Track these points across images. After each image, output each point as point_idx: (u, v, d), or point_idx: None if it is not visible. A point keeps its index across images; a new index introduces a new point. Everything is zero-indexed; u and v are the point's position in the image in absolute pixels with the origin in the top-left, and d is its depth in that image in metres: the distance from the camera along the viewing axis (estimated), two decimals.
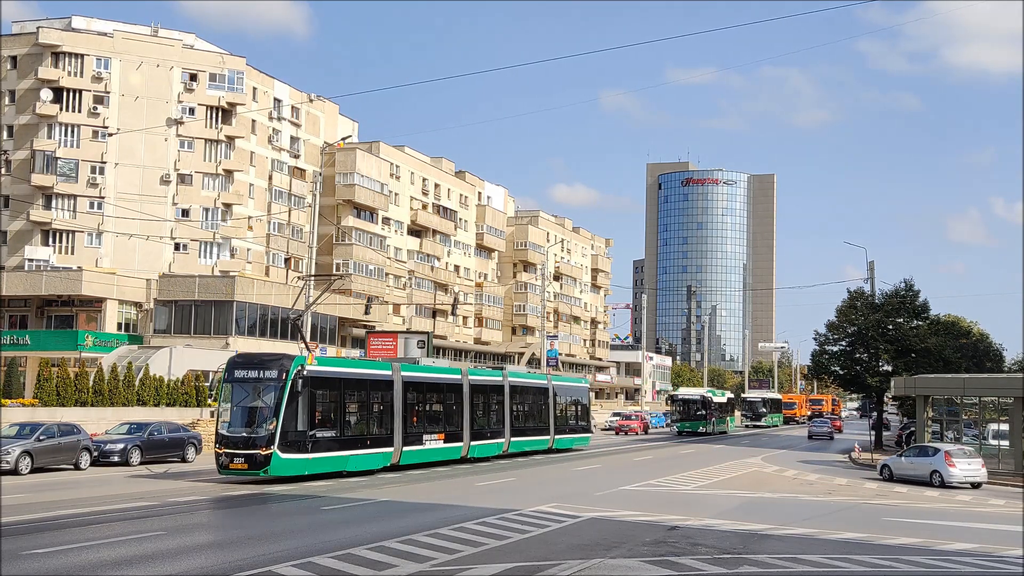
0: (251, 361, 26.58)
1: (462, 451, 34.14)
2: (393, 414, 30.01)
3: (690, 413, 66.40)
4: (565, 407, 43.90)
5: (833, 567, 14.93)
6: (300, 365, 25.70)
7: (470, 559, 14.53)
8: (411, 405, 31.40)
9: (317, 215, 46.72)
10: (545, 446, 41.08)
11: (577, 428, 45.06)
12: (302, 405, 25.74)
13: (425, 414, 32.44)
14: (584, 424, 46.10)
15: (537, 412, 41.04)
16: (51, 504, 20.24)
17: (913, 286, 54.77)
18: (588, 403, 47.30)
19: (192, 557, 14.38)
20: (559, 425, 42.36)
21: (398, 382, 30.40)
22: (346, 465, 27.68)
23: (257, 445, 24.92)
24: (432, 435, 32.29)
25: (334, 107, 79.32)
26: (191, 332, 57.61)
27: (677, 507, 22.50)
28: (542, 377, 43.49)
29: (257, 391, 25.85)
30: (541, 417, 41.21)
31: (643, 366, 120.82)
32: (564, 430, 43.06)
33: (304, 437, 25.84)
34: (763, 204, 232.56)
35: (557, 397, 42.45)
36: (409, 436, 30.81)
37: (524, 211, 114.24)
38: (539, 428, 40.91)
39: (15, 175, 63.82)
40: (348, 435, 28.05)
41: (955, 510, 24.87)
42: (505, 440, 37.44)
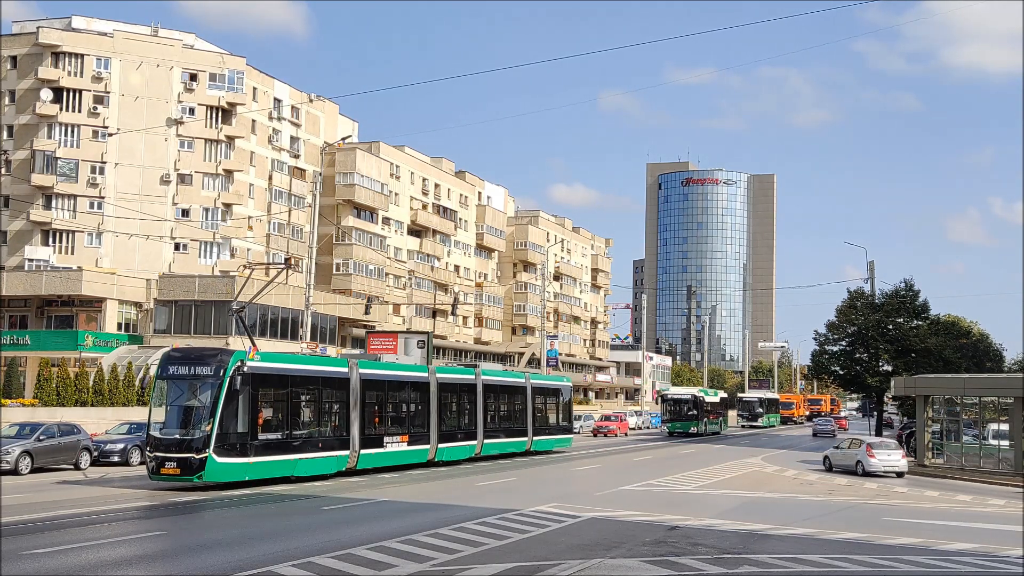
0: (187, 356, 24.59)
1: (428, 454, 32.38)
2: (349, 414, 28.16)
3: (681, 413, 64.67)
4: (545, 407, 42.26)
5: (833, 567, 14.93)
6: (240, 360, 23.93)
7: (470, 559, 14.52)
8: (370, 405, 29.66)
9: (317, 215, 46.71)
10: (523, 448, 39.46)
11: (558, 429, 43.37)
12: (243, 404, 23.93)
13: (387, 415, 30.68)
14: (566, 424, 44.51)
15: (514, 412, 39.42)
16: (51, 504, 20.23)
17: (913, 286, 54.86)
18: (570, 402, 45.57)
19: (192, 557, 14.38)
20: (538, 426, 40.83)
21: (355, 380, 28.56)
22: (294, 470, 25.78)
23: (191, 448, 23.07)
24: (394, 437, 30.47)
25: (334, 107, 79.35)
26: (191, 332, 57.58)
27: (677, 507, 22.49)
28: (519, 375, 41.79)
29: (193, 389, 23.95)
30: (518, 418, 39.58)
31: (643, 366, 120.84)
32: (544, 431, 41.52)
33: (245, 439, 23.99)
34: (763, 204, 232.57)
35: (536, 396, 40.80)
36: (368, 438, 28.98)
37: (524, 211, 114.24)
38: (516, 429, 39.22)
39: (15, 175, 63.83)
40: (297, 437, 26.07)
41: (955, 510, 24.87)
42: (478, 442, 35.68)
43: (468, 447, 35.07)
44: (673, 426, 63.98)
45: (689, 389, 71.67)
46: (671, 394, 67.32)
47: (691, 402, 65.01)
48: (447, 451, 33.37)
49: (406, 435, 31.14)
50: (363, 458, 28.66)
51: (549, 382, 44.72)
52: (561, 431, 43.64)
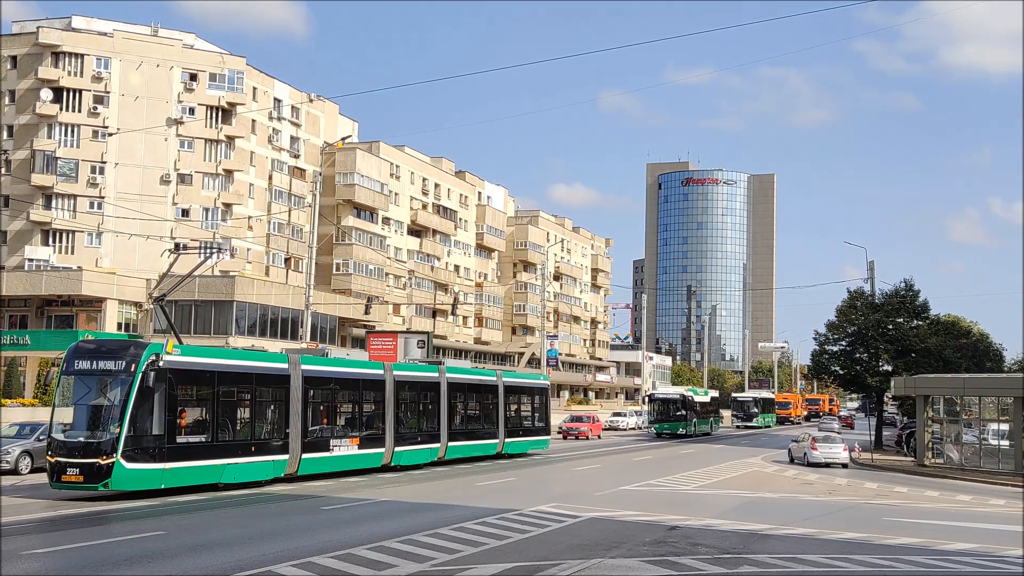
0: (97, 350, 22.05)
1: (383, 458, 29.86)
2: (289, 415, 25.66)
3: (669, 413, 62.14)
4: (519, 407, 39.92)
5: (833, 567, 14.93)
6: (155, 354, 21.53)
7: (470, 559, 14.52)
8: (315, 404, 27.31)
9: (317, 215, 46.70)
10: (493, 451, 37.02)
11: (533, 430, 40.82)
12: (158, 403, 21.61)
13: (335, 415, 28.36)
14: (542, 425, 41.64)
15: (484, 412, 36.82)
16: (51, 504, 20.22)
17: (913, 286, 54.83)
18: (547, 402, 42.81)
19: (192, 557, 14.37)
20: (511, 427, 38.35)
21: (296, 377, 26.02)
22: (221, 476, 23.37)
23: (97, 452, 20.61)
24: (343, 440, 27.97)
25: (334, 107, 79.35)
26: (191, 332, 57.54)
27: (677, 507, 22.49)
28: (490, 373, 39.30)
29: (102, 386, 21.56)
30: (488, 418, 36.99)
31: (643, 366, 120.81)
32: (517, 432, 39.05)
33: (160, 443, 21.61)
34: (763, 204, 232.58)
35: (509, 395, 38.43)
36: (312, 441, 26.52)
37: (524, 211, 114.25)
38: (485, 431, 36.63)
39: (15, 175, 63.83)
40: (225, 440, 23.68)
41: (955, 510, 24.87)
42: (441, 444, 33.17)
43: (430, 450, 32.61)
44: (661, 427, 61.81)
45: (677, 388, 69.34)
46: (658, 394, 65.40)
47: (679, 402, 62.75)
48: (405, 455, 30.98)
49: (357, 437, 28.64)
50: (305, 463, 26.24)
51: (524, 380, 42.00)
52: (537, 432, 41.19)
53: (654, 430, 62.24)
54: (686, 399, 63.04)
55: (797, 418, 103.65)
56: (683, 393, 63.89)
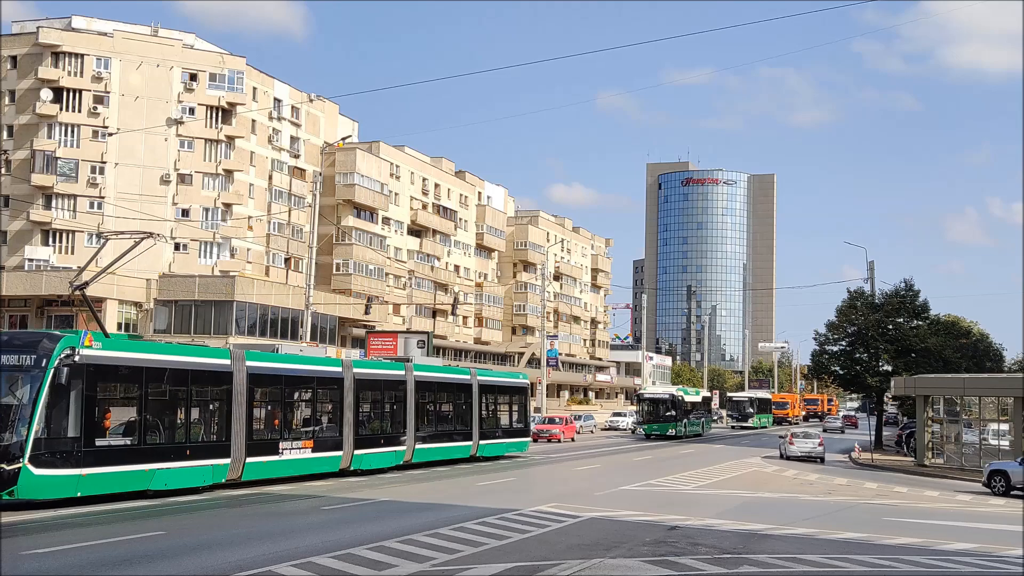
0: (7, 343, 20.00)
1: (341, 462, 27.83)
2: (232, 416, 23.59)
3: (658, 414, 59.41)
4: (495, 407, 37.74)
5: (833, 567, 14.93)
6: (69, 348, 19.43)
7: (470, 559, 14.53)
8: (262, 404, 25.31)
9: (317, 215, 46.70)
10: (466, 454, 35.02)
11: (511, 431, 38.70)
12: (74, 402, 19.60)
13: (287, 416, 26.18)
14: (520, 427, 39.64)
15: (456, 413, 34.84)
16: (51, 503, 20.20)
17: (913, 286, 54.87)
18: (527, 402, 40.66)
19: (192, 557, 14.38)
20: (486, 428, 36.31)
21: (240, 375, 23.92)
22: (150, 482, 21.30)
23: (1, 457, 18.50)
24: (295, 442, 25.83)
25: (334, 107, 79.34)
26: (191, 332, 57.57)
27: (677, 507, 22.49)
28: (463, 372, 37.40)
29: (10, 384, 19.37)
30: (461, 419, 34.97)
31: (643, 366, 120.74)
32: (493, 434, 36.97)
33: (75, 446, 19.56)
34: (763, 204, 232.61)
35: (484, 395, 36.41)
36: (257, 444, 24.46)
37: (524, 211, 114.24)
38: (458, 432, 34.57)
39: (15, 175, 63.83)
40: (156, 443, 21.69)
41: (955, 510, 24.87)
42: (407, 447, 31.09)
43: (394, 453, 30.47)
44: (649, 428, 59.08)
45: (667, 388, 66.41)
46: (647, 393, 62.34)
47: (669, 402, 59.78)
48: (366, 458, 28.87)
49: (311, 440, 26.57)
50: (251, 467, 24.17)
51: (500, 379, 39.69)
52: (515, 434, 39.14)
53: (643, 431, 59.96)
54: (676, 399, 60.31)
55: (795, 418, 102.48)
56: (673, 393, 61.13)
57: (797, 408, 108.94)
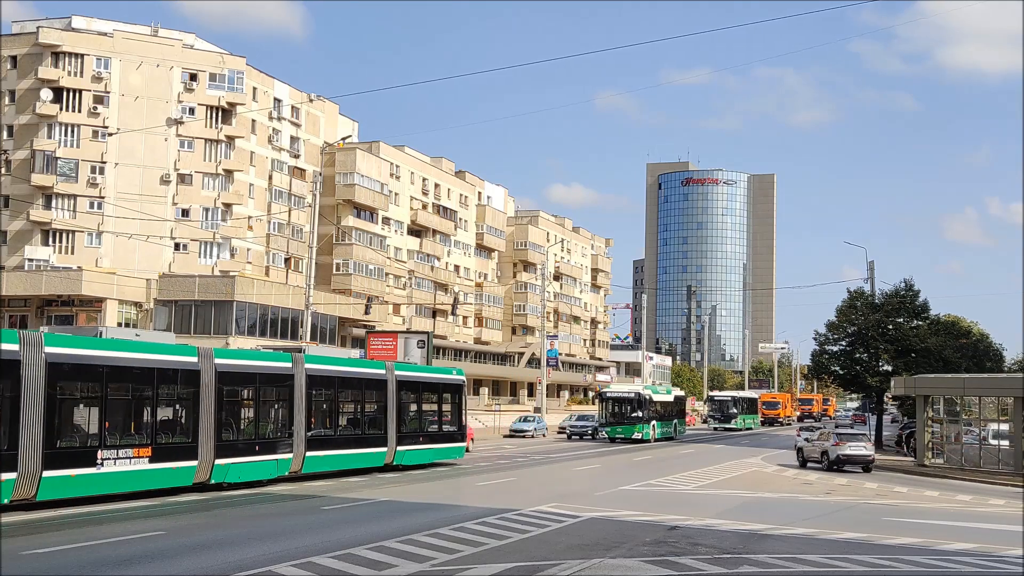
0: None
1: (197, 473, 22.91)
2: (20, 419, 18.70)
3: (623, 415, 53.68)
4: (419, 408, 33.42)
5: (833, 567, 14.93)
6: None
7: (470, 559, 14.52)
8: (71, 403, 20.65)
9: (317, 215, 46.70)
10: (380, 461, 30.32)
11: (441, 436, 33.85)
12: None
13: (113, 418, 21.21)
14: (453, 430, 34.64)
15: (365, 414, 30.21)
16: (52, 503, 20.20)
17: (913, 286, 54.82)
18: (462, 401, 35.50)
19: (192, 557, 14.38)
20: (406, 432, 31.55)
21: (36, 364, 19.12)
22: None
23: None
24: (123, 450, 20.83)
25: (334, 107, 79.36)
26: (191, 332, 57.59)
27: (677, 507, 22.49)
28: (376, 365, 32.28)
29: None
30: (372, 421, 30.33)
31: (643, 366, 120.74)
32: (416, 439, 32.21)
33: None
34: (763, 204, 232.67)
35: (404, 393, 31.72)
36: (62, 454, 19.57)
37: (524, 211, 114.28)
38: (368, 437, 29.85)
39: (15, 175, 63.84)
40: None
41: (955, 510, 24.86)
42: (294, 454, 26.21)
43: (276, 462, 25.54)
44: (613, 431, 53.33)
45: (633, 386, 60.00)
46: (610, 392, 56.18)
47: (634, 401, 53.88)
48: (234, 469, 23.94)
49: (147, 447, 21.54)
50: (50, 483, 19.21)
51: (426, 375, 34.92)
52: (446, 439, 34.20)
53: (606, 434, 54.09)
54: (643, 398, 54.33)
55: (787, 419, 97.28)
56: (639, 391, 55.11)
57: (789, 408, 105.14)
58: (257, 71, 71.36)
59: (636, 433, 52.85)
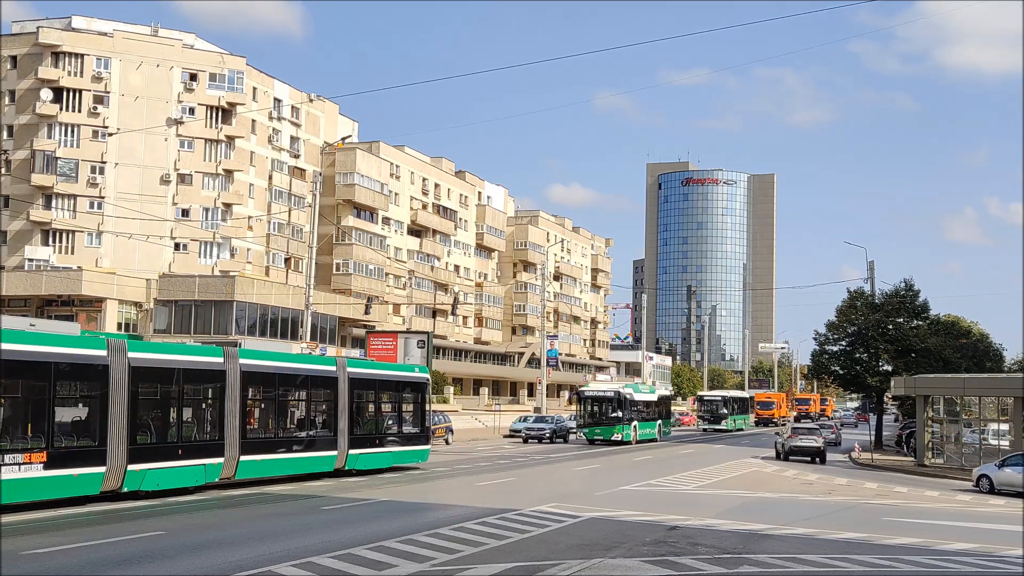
0: None
1: (105, 481, 20.35)
2: None
3: (602, 415, 50.82)
4: (375, 407, 30.65)
5: (833, 567, 14.93)
6: None
7: (470, 559, 14.52)
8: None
9: (317, 215, 46.70)
10: (329, 466, 27.57)
11: (401, 438, 31.27)
12: None
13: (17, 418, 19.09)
14: (415, 432, 32.18)
15: (312, 414, 27.60)
16: (51, 503, 20.20)
17: (913, 286, 54.87)
18: (424, 401, 32.97)
19: (192, 557, 14.38)
20: (361, 435, 28.86)
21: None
22: None
23: None
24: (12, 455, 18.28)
25: (334, 107, 79.37)
26: (191, 332, 57.63)
27: (677, 507, 22.49)
28: (325, 361, 29.61)
29: None
30: (321, 423, 27.80)
31: (643, 366, 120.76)
32: (372, 441, 29.50)
33: None
34: (763, 204, 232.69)
35: (358, 393, 29.01)
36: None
37: (524, 211, 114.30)
38: (315, 439, 27.10)
39: (15, 175, 63.84)
40: None
41: (955, 510, 24.87)
42: (225, 459, 23.47)
43: (203, 468, 22.80)
44: (591, 432, 50.62)
45: (612, 385, 56.78)
46: (588, 391, 53.08)
47: (614, 401, 50.77)
48: (152, 475, 21.33)
49: (43, 451, 18.94)
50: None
51: (385, 372, 31.96)
52: (408, 441, 31.68)
53: (583, 436, 51.51)
54: (623, 397, 51.19)
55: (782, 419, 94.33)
56: (619, 390, 51.91)
57: (785, 408, 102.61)
58: (257, 71, 71.36)
59: (616, 434, 50.25)
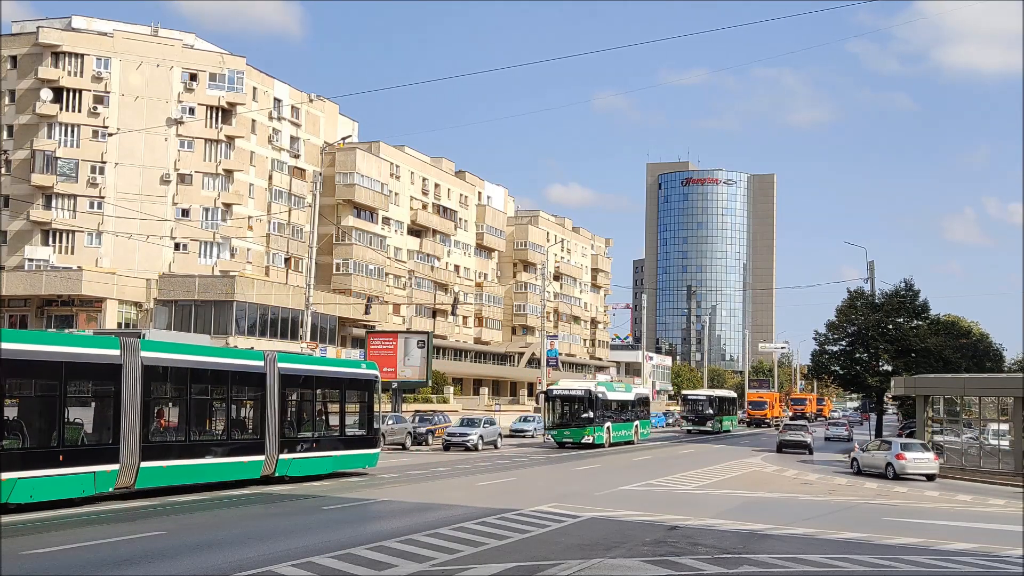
0: None
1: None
2: None
3: (572, 416, 47.03)
4: (312, 408, 27.55)
5: (833, 567, 14.93)
6: None
7: (470, 559, 14.52)
8: None
9: (317, 215, 46.70)
10: (254, 472, 24.47)
11: (344, 441, 28.25)
12: None
13: None
14: (361, 434, 29.07)
15: (234, 415, 24.77)
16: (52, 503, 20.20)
17: (913, 286, 54.89)
18: (372, 400, 29.60)
19: (192, 557, 14.38)
20: (295, 437, 25.95)
21: None
22: None
23: None
24: None
25: (334, 107, 79.37)
26: (191, 332, 57.46)
27: (677, 507, 22.49)
28: (252, 355, 25.83)
29: None
30: (245, 424, 25.00)
31: (643, 366, 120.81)
32: (309, 445, 26.40)
33: None
34: (763, 204, 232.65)
35: (290, 391, 26.03)
36: None
37: (524, 211, 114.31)
38: (237, 443, 24.12)
39: (15, 175, 63.84)
40: None
41: (955, 510, 24.87)
42: (122, 465, 20.66)
43: (92, 476, 19.96)
44: (560, 434, 46.87)
45: (583, 383, 52.03)
46: (556, 390, 48.98)
47: (584, 400, 46.91)
48: (24, 485, 18.39)
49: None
50: None
51: (324, 368, 29.10)
52: (352, 444, 28.56)
53: (551, 438, 47.65)
54: (595, 397, 47.19)
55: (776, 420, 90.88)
56: (591, 388, 48.01)
57: (778, 408, 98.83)
58: (257, 71, 71.37)
59: (586, 436, 46.43)
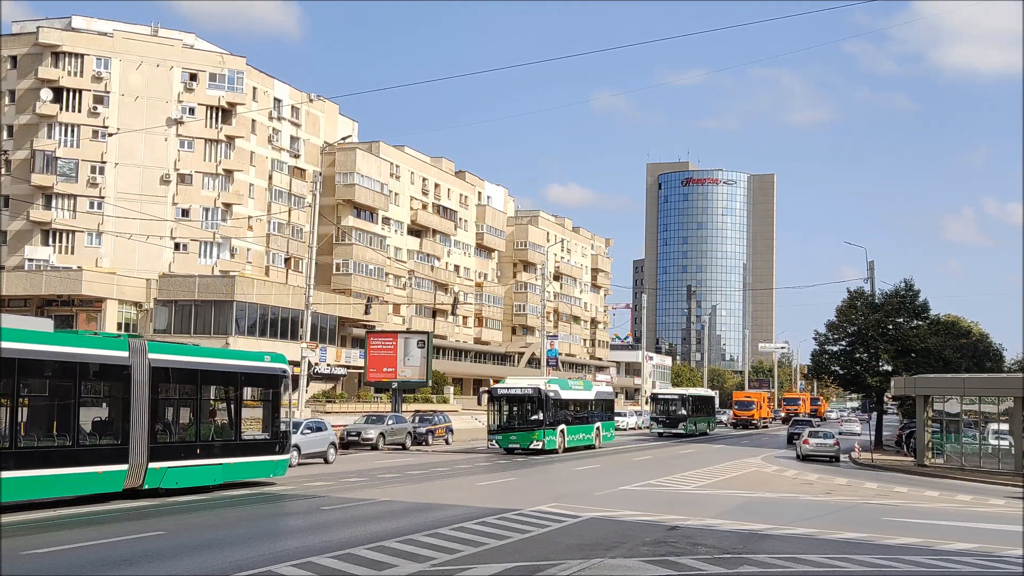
0: None
1: None
2: None
3: (520, 418, 41.53)
4: (196, 408, 23.49)
5: (833, 567, 14.93)
6: None
7: (470, 559, 14.52)
8: None
9: (317, 215, 46.71)
10: (115, 485, 20.46)
11: (239, 447, 24.01)
12: None
13: None
14: (264, 439, 25.05)
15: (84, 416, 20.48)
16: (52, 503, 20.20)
17: (913, 286, 54.86)
18: (277, 401, 25.65)
19: (192, 557, 14.38)
20: (172, 442, 22.17)
21: None
22: None
23: None
24: None
25: (334, 107, 79.37)
26: (191, 332, 57.63)
27: (677, 507, 22.49)
28: (110, 344, 21.33)
29: None
30: (103, 426, 21.22)
31: (643, 366, 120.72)
32: (191, 451, 22.52)
33: None
34: (763, 204, 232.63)
35: (165, 386, 22.21)
36: None
37: (524, 211, 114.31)
38: (91, 450, 20.22)
39: (15, 175, 63.83)
40: None
41: (955, 510, 24.87)
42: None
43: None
44: (505, 439, 41.09)
45: (532, 380, 45.64)
46: (502, 389, 42.97)
47: (533, 400, 41.16)
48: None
49: None
50: None
51: (211, 360, 24.24)
52: (251, 450, 24.46)
53: (496, 443, 41.47)
54: (545, 397, 41.23)
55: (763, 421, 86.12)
56: (539, 387, 41.98)
57: (766, 408, 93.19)
58: (257, 71, 71.37)
59: (535, 442, 40.60)
